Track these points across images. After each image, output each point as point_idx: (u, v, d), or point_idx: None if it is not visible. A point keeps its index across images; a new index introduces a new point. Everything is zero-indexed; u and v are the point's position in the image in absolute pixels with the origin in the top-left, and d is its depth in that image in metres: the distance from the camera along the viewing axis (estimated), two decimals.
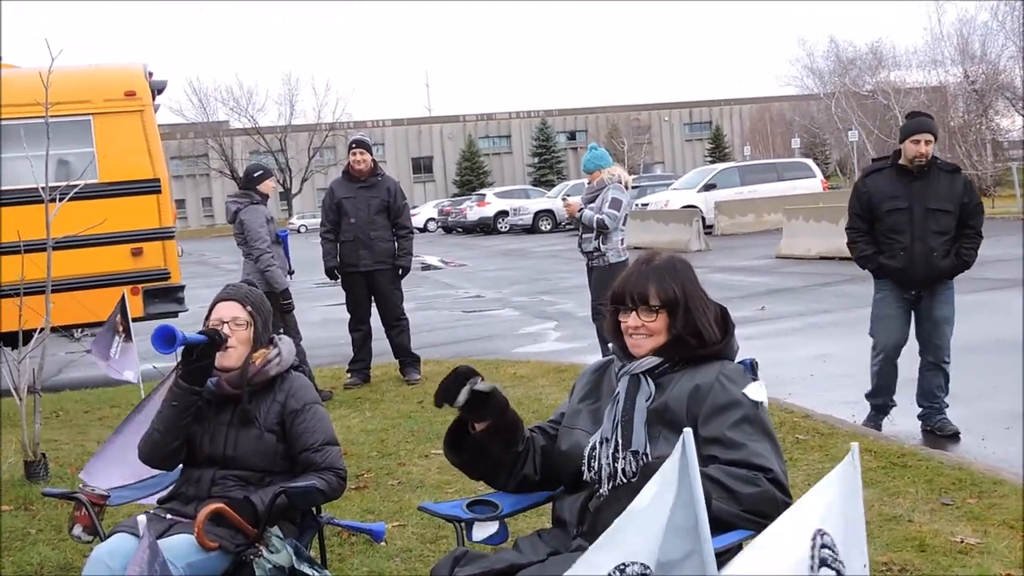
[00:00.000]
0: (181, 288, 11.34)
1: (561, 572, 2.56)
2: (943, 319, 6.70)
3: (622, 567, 2.09)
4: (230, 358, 3.61)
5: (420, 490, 5.70)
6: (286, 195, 74.38)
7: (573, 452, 2.96)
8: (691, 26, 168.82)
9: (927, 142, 6.41)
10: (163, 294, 11.09)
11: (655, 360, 2.93)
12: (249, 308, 3.68)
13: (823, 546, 1.96)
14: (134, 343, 7.85)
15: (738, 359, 2.99)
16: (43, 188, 6.73)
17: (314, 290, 19.91)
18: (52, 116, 6.86)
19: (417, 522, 5.15)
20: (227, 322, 3.63)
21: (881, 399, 6.92)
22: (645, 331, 2.94)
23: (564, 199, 10.21)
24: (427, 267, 25.16)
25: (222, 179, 75.52)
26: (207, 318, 3.70)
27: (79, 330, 11.81)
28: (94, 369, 8.50)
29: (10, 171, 10.37)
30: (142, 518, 2.36)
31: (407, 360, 9.32)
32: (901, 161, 6.53)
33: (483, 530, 3.04)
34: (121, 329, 7.86)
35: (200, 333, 3.55)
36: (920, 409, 6.85)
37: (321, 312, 16.40)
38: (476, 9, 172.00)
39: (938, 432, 6.63)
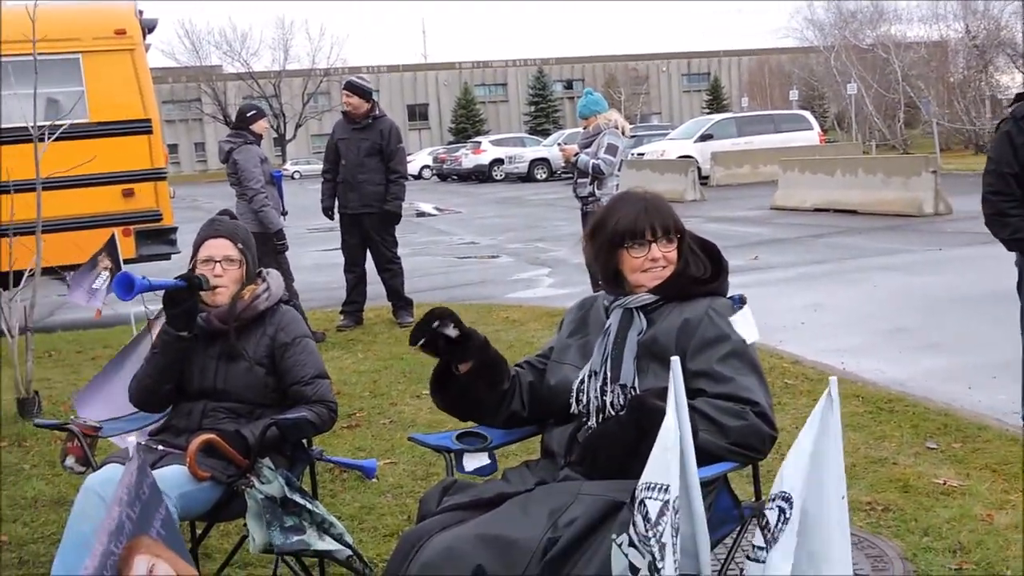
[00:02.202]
0: (173, 230, 11.30)
1: (547, 500, 2.60)
2: None
3: (653, 486, 2.13)
4: (221, 296, 3.60)
5: (412, 428, 5.73)
6: (280, 141, 73.92)
7: (561, 386, 2.98)
8: None
9: None
10: (155, 236, 11.06)
11: (651, 297, 2.94)
12: (240, 245, 3.65)
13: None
14: None
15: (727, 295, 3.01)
16: (32, 127, 6.69)
17: (307, 235, 19.87)
18: (40, 53, 6.79)
19: (408, 459, 5.20)
20: (218, 261, 3.60)
21: None
22: (664, 262, 2.94)
23: (560, 145, 10.19)
24: (421, 214, 25.11)
25: (215, 124, 74.89)
26: (194, 255, 3.68)
27: (70, 273, 11.80)
28: (86, 311, 8.50)
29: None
30: (132, 439, 2.37)
31: (400, 303, 9.33)
32: None
33: (473, 461, 3.07)
34: (106, 267, 7.82)
35: (179, 278, 3.53)
36: None
37: (314, 257, 16.38)
38: None
39: None
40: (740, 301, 2.97)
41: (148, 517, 2.24)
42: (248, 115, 8.65)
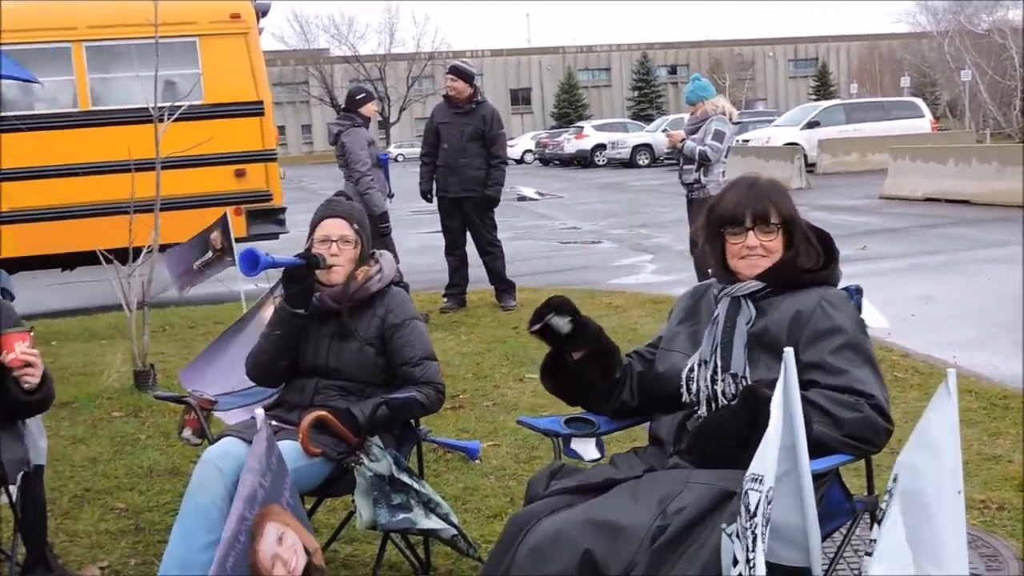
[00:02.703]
0: (283, 210, 11.55)
1: (656, 487, 2.60)
2: None
3: (756, 477, 2.13)
4: (336, 275, 3.67)
5: (515, 411, 5.76)
6: (384, 124, 74.79)
7: (671, 374, 2.96)
8: None
9: None
10: (265, 215, 11.33)
11: (758, 285, 2.90)
12: (355, 226, 3.72)
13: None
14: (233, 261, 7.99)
15: (841, 286, 2.96)
16: (153, 107, 6.90)
17: (411, 217, 20.08)
18: (160, 37, 7.00)
19: (511, 442, 5.24)
20: (335, 240, 3.67)
21: None
22: (762, 251, 2.89)
23: (665, 130, 10.12)
24: (523, 198, 25.15)
25: (322, 106, 76.21)
26: (310, 235, 3.76)
27: None
28: (199, 288, 8.75)
29: (120, 91, 10.65)
30: (260, 411, 2.43)
31: (502, 287, 9.39)
32: None
33: (580, 445, 3.07)
34: (218, 246, 8.01)
35: (298, 256, 3.61)
36: None
37: (419, 239, 16.55)
38: None
39: None
40: (858, 292, 2.92)
41: (278, 487, 2.32)
42: (357, 98, 8.79)
